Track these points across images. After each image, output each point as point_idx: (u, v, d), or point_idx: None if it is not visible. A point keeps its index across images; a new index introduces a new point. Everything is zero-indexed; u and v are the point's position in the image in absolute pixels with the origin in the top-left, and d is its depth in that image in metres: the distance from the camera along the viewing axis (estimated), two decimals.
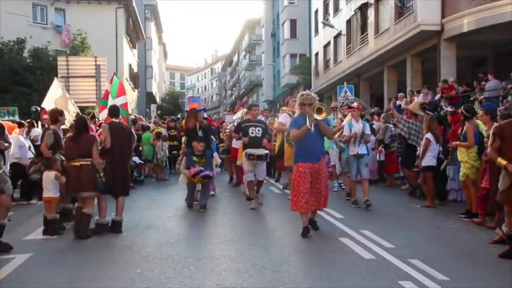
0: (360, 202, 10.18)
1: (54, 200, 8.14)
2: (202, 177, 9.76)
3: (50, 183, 8.12)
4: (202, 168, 9.78)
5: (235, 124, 12.12)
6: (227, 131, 14.70)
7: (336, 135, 10.52)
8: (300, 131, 7.49)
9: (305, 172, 7.52)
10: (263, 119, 12.75)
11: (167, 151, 16.25)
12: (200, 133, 10.36)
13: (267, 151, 10.22)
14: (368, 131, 10.56)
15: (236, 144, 12.77)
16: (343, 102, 14.64)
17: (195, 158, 9.98)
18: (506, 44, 20.75)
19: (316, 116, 7.30)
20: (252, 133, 10.12)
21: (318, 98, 8.08)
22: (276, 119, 13.41)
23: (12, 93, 23.50)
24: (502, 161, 6.40)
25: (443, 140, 10.69)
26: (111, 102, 11.33)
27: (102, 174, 8.05)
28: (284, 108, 13.11)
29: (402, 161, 12.10)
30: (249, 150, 9.97)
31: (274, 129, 11.99)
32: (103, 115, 11.62)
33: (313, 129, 7.40)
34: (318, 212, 8.46)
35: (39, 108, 15.14)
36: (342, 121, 11.11)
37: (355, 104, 11.25)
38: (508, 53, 20.93)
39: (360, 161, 10.22)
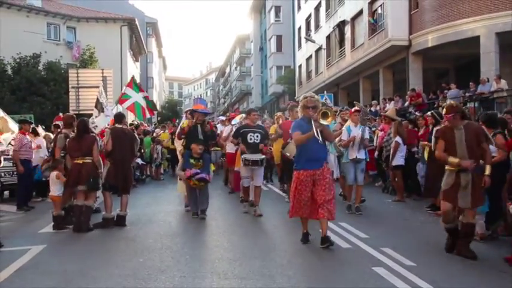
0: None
1: (57, 198, 8.10)
2: (197, 180, 8.45)
3: (54, 183, 8.11)
4: (198, 171, 8.50)
5: (234, 129, 10.66)
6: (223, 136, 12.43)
7: (337, 140, 9.37)
8: (304, 137, 6.36)
9: (306, 180, 6.41)
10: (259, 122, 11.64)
11: (161, 153, 16.30)
12: (201, 136, 8.95)
13: (263, 156, 9.04)
14: (367, 135, 9.45)
15: (231, 149, 11.42)
16: (343, 107, 13.75)
17: (192, 161, 8.66)
18: (465, 57, 21.00)
19: (322, 121, 6.28)
20: (251, 139, 8.87)
21: (321, 100, 6.96)
22: (274, 125, 11.74)
23: (28, 103, 23.39)
24: (453, 160, 6.11)
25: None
26: (134, 95, 11.57)
27: (100, 170, 8.09)
28: (279, 114, 12.51)
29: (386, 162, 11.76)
30: (246, 156, 8.82)
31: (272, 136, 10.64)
32: (125, 105, 12.08)
33: (320, 138, 6.34)
34: None
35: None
36: (342, 125, 10.01)
37: (356, 108, 9.90)
38: (467, 65, 21.14)
39: (357, 166, 9.12)
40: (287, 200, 10.15)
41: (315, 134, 6.28)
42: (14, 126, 10.85)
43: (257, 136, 8.93)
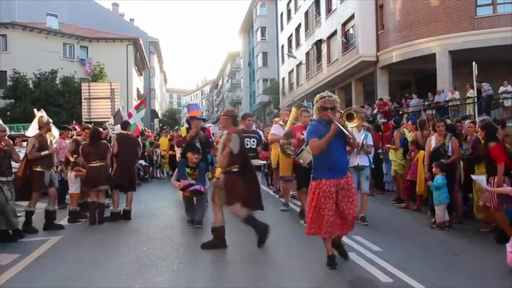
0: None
1: (75, 195, 8.09)
2: (192, 192, 7.13)
3: (72, 181, 8.09)
4: (193, 182, 7.10)
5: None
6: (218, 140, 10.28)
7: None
8: (323, 141, 4.77)
9: (330, 191, 4.82)
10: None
11: (160, 156, 16.30)
12: (198, 144, 7.65)
13: (264, 161, 7.93)
14: (370, 141, 7.84)
15: None
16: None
17: (188, 170, 7.28)
18: (424, 71, 21.24)
19: (348, 124, 4.81)
20: (247, 144, 7.43)
21: (339, 100, 5.23)
22: (271, 130, 10.31)
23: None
24: None
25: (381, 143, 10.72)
26: (134, 113, 11.16)
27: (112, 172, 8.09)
28: (276, 119, 11.18)
29: None
30: None
31: (269, 140, 9.54)
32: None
33: (351, 135, 4.90)
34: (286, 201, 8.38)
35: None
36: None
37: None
38: (426, 78, 21.37)
39: (360, 173, 7.47)
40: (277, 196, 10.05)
41: (343, 130, 4.75)
42: (55, 131, 10.57)
43: (253, 141, 7.75)
